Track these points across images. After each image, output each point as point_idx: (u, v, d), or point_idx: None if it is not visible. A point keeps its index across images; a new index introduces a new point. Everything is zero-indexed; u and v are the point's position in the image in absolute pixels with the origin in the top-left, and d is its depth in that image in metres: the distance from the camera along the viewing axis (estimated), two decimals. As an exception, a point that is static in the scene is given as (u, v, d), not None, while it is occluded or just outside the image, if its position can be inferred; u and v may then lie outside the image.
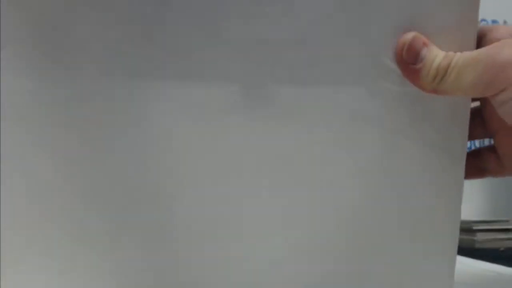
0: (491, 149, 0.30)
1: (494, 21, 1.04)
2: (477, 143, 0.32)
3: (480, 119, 0.30)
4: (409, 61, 0.24)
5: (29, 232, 0.26)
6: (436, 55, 0.24)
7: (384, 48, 0.25)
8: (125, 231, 0.26)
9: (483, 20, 1.04)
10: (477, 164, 0.30)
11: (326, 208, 0.27)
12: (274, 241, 0.27)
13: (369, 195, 0.27)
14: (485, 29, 0.27)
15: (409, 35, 0.24)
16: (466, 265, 0.50)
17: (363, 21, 0.25)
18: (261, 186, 0.26)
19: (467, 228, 0.79)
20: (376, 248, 0.28)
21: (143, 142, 0.25)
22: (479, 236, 0.77)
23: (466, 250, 0.71)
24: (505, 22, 1.05)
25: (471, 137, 0.29)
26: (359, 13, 0.25)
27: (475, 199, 0.94)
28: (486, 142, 0.31)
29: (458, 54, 0.24)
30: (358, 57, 0.25)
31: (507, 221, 0.81)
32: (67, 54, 0.24)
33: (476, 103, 0.29)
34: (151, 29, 0.24)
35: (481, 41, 0.26)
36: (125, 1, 0.24)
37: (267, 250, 0.27)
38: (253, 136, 0.26)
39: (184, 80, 0.25)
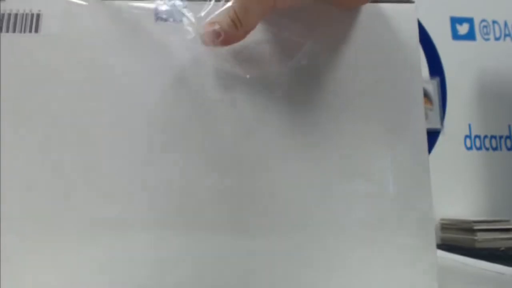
0: None
1: (494, 21, 1.04)
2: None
3: None
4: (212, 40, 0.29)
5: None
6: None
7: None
8: None
9: (483, 20, 1.04)
10: None
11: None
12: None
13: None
14: None
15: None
16: (466, 264, 0.50)
17: None
18: None
19: (467, 228, 0.80)
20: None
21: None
22: (480, 236, 0.77)
23: (467, 249, 0.72)
24: (505, 22, 1.05)
25: None
26: None
27: (475, 199, 0.94)
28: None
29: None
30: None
31: (507, 221, 0.81)
32: None
33: None
34: None
35: None
36: None
37: None
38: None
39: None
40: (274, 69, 0.31)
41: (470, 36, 1.03)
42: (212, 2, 0.30)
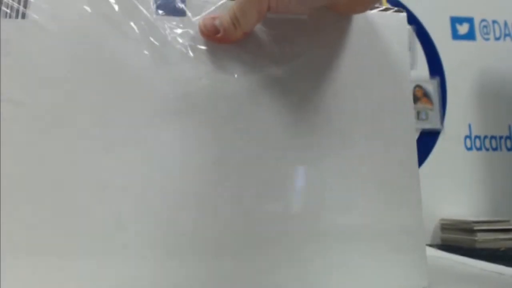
0: None
1: (494, 21, 1.04)
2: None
3: None
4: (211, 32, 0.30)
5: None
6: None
7: None
8: None
9: (483, 20, 1.04)
10: None
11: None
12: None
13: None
14: None
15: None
16: (467, 265, 0.50)
17: None
18: None
19: (467, 228, 0.79)
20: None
21: None
22: (480, 236, 0.77)
23: (467, 250, 0.72)
24: (505, 22, 1.05)
25: None
26: None
27: (475, 199, 0.94)
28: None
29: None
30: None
31: (507, 221, 0.81)
32: None
33: None
34: None
35: None
36: None
37: None
38: None
39: None
40: (269, 73, 0.31)
41: (470, 36, 1.03)
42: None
